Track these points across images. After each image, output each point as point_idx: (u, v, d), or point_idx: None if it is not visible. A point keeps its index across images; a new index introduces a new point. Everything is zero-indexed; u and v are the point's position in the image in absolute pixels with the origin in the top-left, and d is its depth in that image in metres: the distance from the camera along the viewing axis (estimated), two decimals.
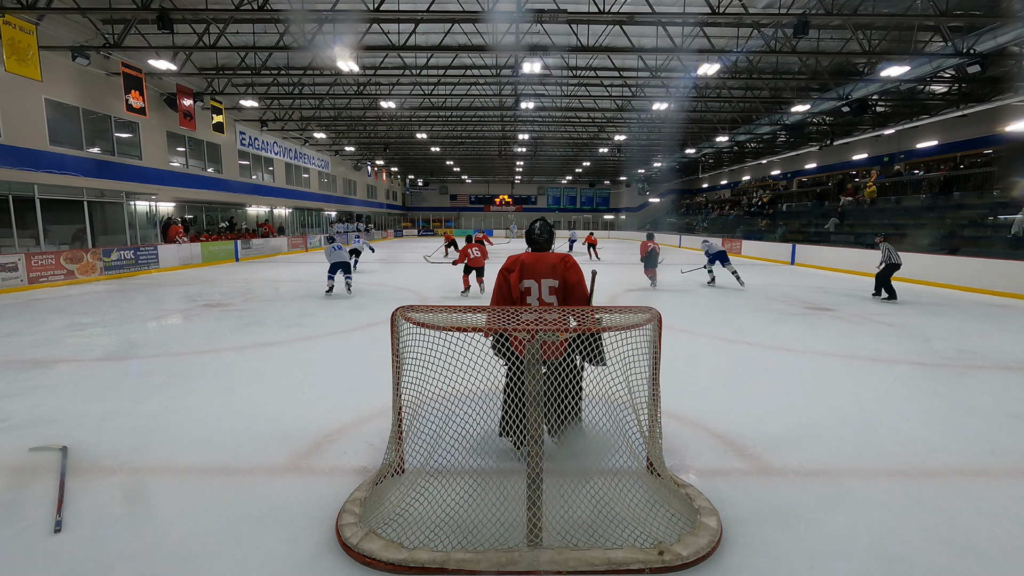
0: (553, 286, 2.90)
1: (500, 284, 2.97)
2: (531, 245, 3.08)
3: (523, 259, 2.96)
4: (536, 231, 3.06)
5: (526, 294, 2.92)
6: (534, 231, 3.06)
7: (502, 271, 2.96)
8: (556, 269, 2.90)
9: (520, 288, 2.92)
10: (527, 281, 2.91)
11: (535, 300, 2.90)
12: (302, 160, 26.80)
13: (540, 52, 12.70)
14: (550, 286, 2.89)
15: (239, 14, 10.98)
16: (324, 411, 3.77)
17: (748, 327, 6.97)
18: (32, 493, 2.66)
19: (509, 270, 2.95)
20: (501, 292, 2.96)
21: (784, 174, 28.96)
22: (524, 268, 2.93)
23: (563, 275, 2.90)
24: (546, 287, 2.89)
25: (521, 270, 2.93)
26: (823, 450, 3.20)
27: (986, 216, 13.66)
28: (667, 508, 2.46)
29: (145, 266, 13.89)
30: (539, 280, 2.89)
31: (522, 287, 2.92)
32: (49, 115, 12.07)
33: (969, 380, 4.69)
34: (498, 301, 2.95)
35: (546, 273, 2.89)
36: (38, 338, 6.18)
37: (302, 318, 7.47)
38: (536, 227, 3.07)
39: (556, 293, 2.91)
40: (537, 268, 2.91)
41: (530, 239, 3.08)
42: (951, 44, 11.71)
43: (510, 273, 2.94)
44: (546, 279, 2.89)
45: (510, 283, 2.94)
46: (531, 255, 2.99)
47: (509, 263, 2.97)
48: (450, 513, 2.40)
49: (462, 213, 49.95)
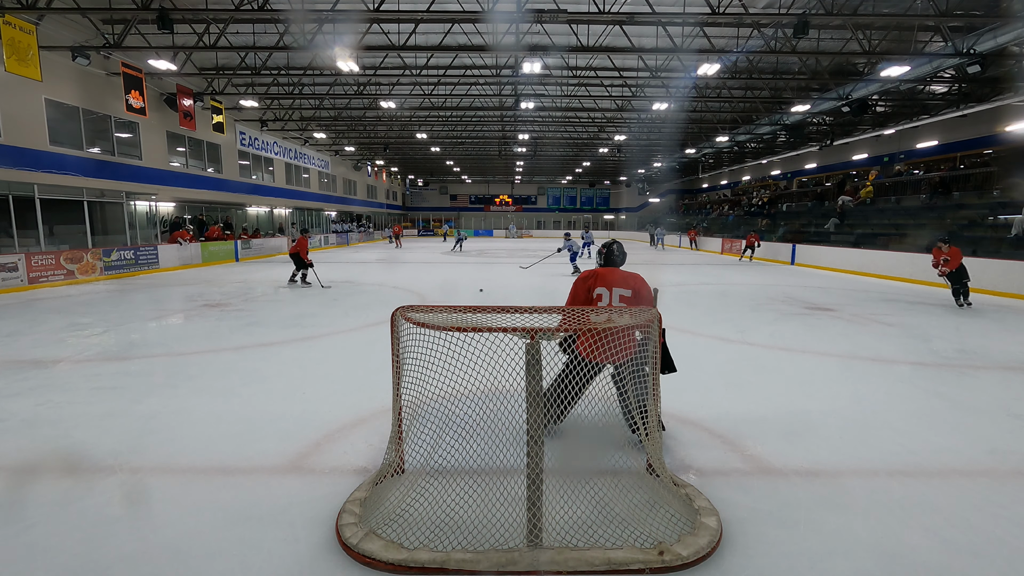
0: (623, 294, 3.16)
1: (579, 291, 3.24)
2: (607, 262, 3.40)
3: (599, 272, 3.26)
4: (615, 251, 3.41)
5: (598, 300, 3.17)
6: (613, 251, 3.41)
7: (579, 280, 3.26)
8: (627, 281, 3.21)
9: (592, 295, 3.18)
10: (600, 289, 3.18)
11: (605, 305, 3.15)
12: (302, 160, 26.80)
13: (540, 52, 12.70)
14: (620, 294, 3.16)
15: (239, 14, 10.98)
16: (324, 411, 3.77)
17: (748, 327, 6.97)
18: (32, 493, 2.66)
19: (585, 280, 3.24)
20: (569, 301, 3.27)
21: (784, 174, 28.96)
22: (599, 279, 3.20)
23: (635, 287, 3.20)
24: (616, 295, 3.16)
25: (597, 281, 3.20)
26: (823, 450, 3.20)
27: (986, 216, 13.66)
28: (667, 508, 2.46)
29: (145, 266, 13.89)
30: (611, 288, 3.16)
31: (594, 293, 3.17)
32: (49, 115, 12.07)
33: (969, 380, 4.68)
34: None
35: (617, 283, 3.19)
36: (38, 338, 6.18)
37: (302, 318, 7.47)
38: (615, 247, 3.44)
39: (625, 301, 3.17)
40: (610, 279, 3.20)
41: (608, 257, 3.40)
42: (951, 44, 11.71)
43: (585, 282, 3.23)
44: (618, 288, 3.17)
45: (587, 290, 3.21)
46: (607, 269, 3.31)
47: (584, 276, 3.28)
48: (450, 513, 2.41)
49: (462, 213, 49.95)
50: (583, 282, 3.24)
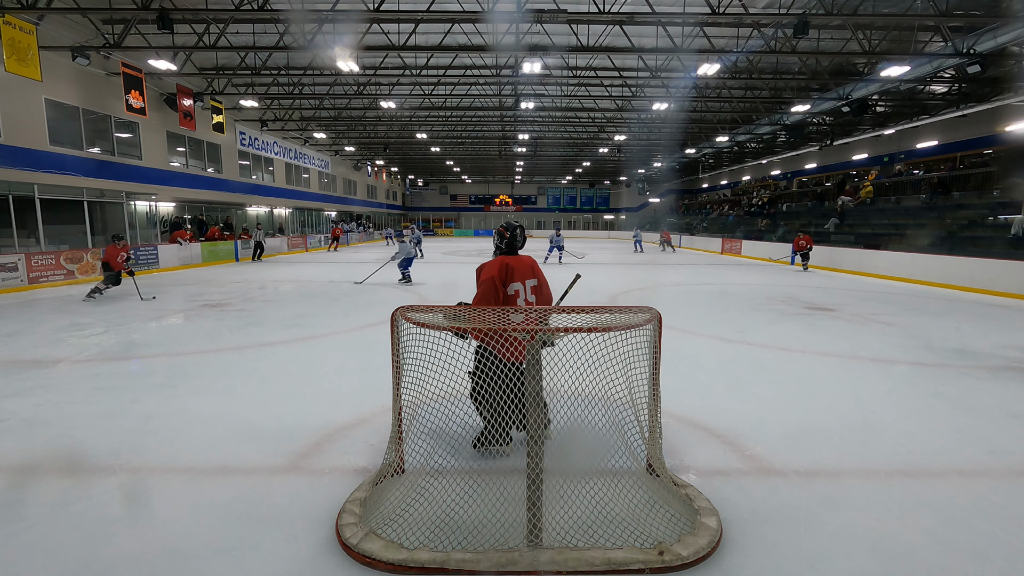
0: (534, 285, 3.09)
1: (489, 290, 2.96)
2: (509, 249, 3.18)
3: (509, 263, 3.03)
4: (518, 235, 3.21)
5: (515, 297, 3.00)
6: (516, 236, 3.20)
7: (492, 279, 2.95)
8: (534, 270, 3.12)
9: (508, 292, 2.98)
10: (514, 284, 3.01)
11: (523, 302, 3.01)
12: (302, 160, 26.80)
13: (540, 52, 12.70)
14: (532, 285, 3.08)
15: (239, 14, 10.98)
16: (324, 411, 3.77)
17: (748, 327, 6.96)
18: (32, 493, 2.66)
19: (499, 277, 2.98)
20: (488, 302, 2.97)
21: (784, 174, 28.95)
22: (512, 272, 3.01)
23: (539, 275, 3.13)
24: (529, 287, 3.06)
25: (510, 274, 3.00)
26: (823, 450, 3.20)
27: (986, 216, 13.66)
28: (667, 508, 2.46)
29: (145, 266, 13.89)
30: (523, 282, 3.05)
31: (510, 291, 2.98)
32: (49, 115, 12.07)
33: (969, 380, 4.68)
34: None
35: (527, 274, 3.08)
36: (38, 338, 6.18)
37: (302, 318, 7.47)
38: (517, 232, 3.22)
39: (536, 292, 3.09)
40: (520, 270, 3.05)
41: (512, 243, 3.19)
42: (951, 44, 11.71)
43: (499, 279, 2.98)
44: (529, 280, 3.08)
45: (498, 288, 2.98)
46: (514, 258, 3.10)
47: (498, 270, 2.98)
48: (450, 513, 2.41)
49: (462, 213, 49.95)
50: (498, 279, 2.97)
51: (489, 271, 2.98)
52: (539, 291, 3.11)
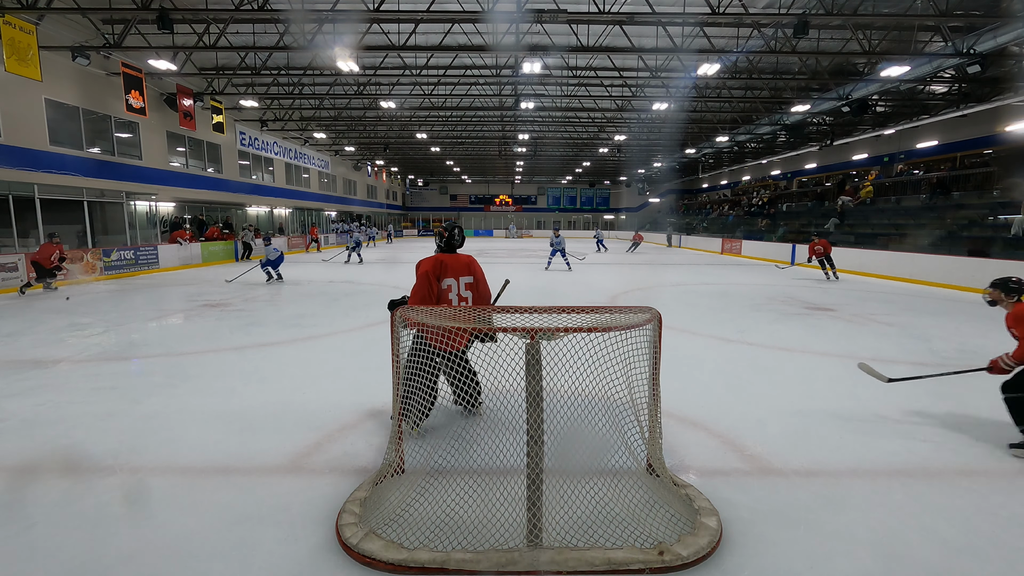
0: (468, 282, 3.28)
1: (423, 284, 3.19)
2: (448, 247, 3.38)
3: (444, 260, 3.25)
4: (456, 235, 3.42)
5: (448, 291, 3.20)
6: (455, 235, 3.40)
7: (427, 274, 3.18)
8: (471, 268, 3.33)
9: (441, 286, 3.19)
10: (448, 280, 3.21)
11: (455, 297, 3.20)
12: (302, 160, 26.79)
13: (540, 52, 12.70)
14: (466, 282, 3.27)
15: (239, 14, 10.98)
16: (324, 411, 3.77)
17: (748, 327, 6.96)
18: (32, 493, 2.66)
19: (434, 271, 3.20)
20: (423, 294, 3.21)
21: (784, 174, 28.95)
22: (446, 268, 3.23)
23: (476, 273, 3.34)
24: (463, 284, 3.27)
25: (444, 270, 3.22)
26: (823, 450, 3.20)
27: (986, 216, 13.66)
28: (667, 508, 2.46)
29: (145, 266, 13.89)
30: (457, 278, 3.25)
31: (443, 285, 3.20)
32: (49, 115, 12.07)
33: (969, 380, 4.67)
34: (421, 301, 3.18)
35: (462, 271, 3.28)
36: (38, 338, 6.17)
37: (302, 318, 7.47)
38: (455, 232, 3.43)
39: (471, 289, 3.28)
40: (455, 267, 3.27)
41: (450, 242, 3.38)
42: (951, 44, 11.71)
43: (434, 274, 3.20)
44: (463, 276, 3.28)
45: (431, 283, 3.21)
46: (450, 256, 3.32)
47: (432, 265, 3.21)
48: (450, 513, 2.41)
49: (462, 213, 49.93)
50: (432, 273, 3.19)
51: (424, 266, 3.22)
52: (475, 288, 3.31)
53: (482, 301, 3.37)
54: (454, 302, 3.20)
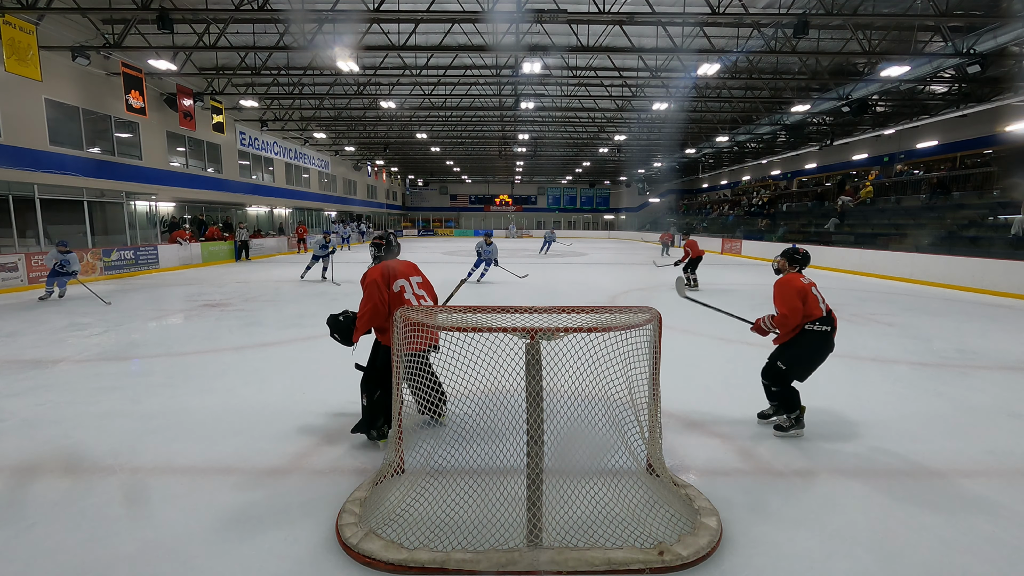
0: (419, 281, 3.33)
1: (374, 291, 3.15)
2: (387, 255, 3.46)
3: (389, 265, 3.28)
4: (393, 243, 3.54)
5: (402, 292, 3.19)
6: (392, 243, 3.52)
7: (375, 281, 3.15)
8: (417, 269, 3.38)
9: (393, 290, 3.17)
10: (399, 281, 3.22)
11: (411, 296, 3.20)
12: (302, 160, 26.79)
13: (540, 52, 12.69)
14: (417, 282, 3.31)
15: (239, 14, 10.98)
16: (324, 411, 3.78)
17: (748, 327, 6.95)
18: (32, 493, 2.66)
19: (383, 277, 3.19)
20: (375, 301, 3.17)
21: (784, 174, 28.94)
22: (395, 271, 3.24)
23: (422, 274, 3.40)
24: (415, 283, 3.30)
25: (392, 273, 3.23)
26: (824, 450, 3.20)
27: (986, 216, 13.65)
28: (667, 508, 2.46)
29: (145, 266, 13.89)
30: (408, 279, 3.28)
31: (395, 287, 3.18)
32: (49, 115, 12.07)
33: (969, 380, 4.68)
34: (373, 310, 3.14)
35: (411, 272, 3.33)
36: (38, 338, 6.17)
37: (302, 318, 7.47)
38: (391, 238, 3.55)
39: (424, 288, 3.32)
40: (402, 270, 3.30)
41: (388, 249, 3.48)
42: (951, 44, 11.70)
43: (383, 279, 3.19)
44: (413, 276, 3.32)
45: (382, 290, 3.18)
46: (393, 261, 3.37)
47: (379, 273, 3.20)
48: (450, 513, 2.41)
49: (462, 213, 49.93)
50: (381, 280, 3.15)
51: (372, 275, 3.19)
52: (426, 287, 3.34)
53: (433, 302, 3.39)
54: (412, 302, 3.16)
